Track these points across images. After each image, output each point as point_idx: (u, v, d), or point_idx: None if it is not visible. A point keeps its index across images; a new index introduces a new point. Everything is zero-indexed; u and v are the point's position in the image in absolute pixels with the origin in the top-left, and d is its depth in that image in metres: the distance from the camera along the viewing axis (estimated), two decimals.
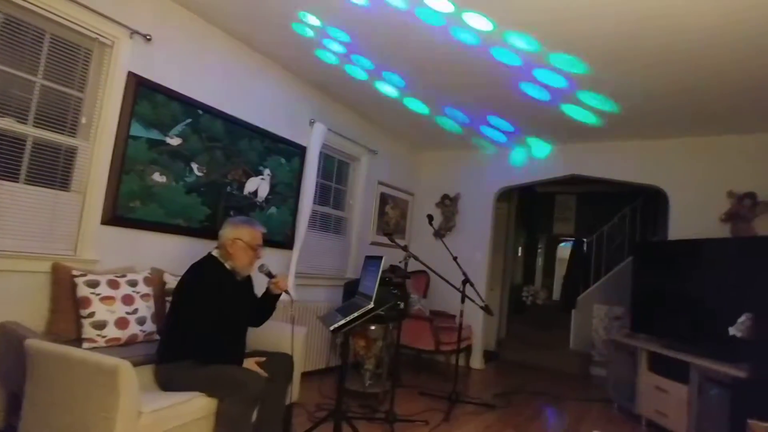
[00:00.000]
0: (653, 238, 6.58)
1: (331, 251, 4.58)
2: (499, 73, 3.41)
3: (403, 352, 4.54)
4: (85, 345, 2.21)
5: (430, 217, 4.02)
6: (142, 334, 2.43)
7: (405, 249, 3.29)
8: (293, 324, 2.52)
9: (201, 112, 3.11)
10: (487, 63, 3.26)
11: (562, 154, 5.13)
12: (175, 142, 2.95)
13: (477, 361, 5.33)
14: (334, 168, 4.65)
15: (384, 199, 5.31)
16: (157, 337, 2.50)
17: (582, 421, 3.68)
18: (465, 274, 3.69)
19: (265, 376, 2.17)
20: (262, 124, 3.59)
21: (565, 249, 11.00)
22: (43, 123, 2.39)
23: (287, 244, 3.85)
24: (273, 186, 3.72)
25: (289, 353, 2.47)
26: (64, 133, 2.48)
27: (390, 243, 3.32)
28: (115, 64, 2.61)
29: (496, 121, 4.50)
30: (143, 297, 2.48)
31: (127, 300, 2.40)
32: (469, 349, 5.26)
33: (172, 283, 2.63)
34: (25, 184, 2.33)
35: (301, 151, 3.96)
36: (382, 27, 2.95)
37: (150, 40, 2.76)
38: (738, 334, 2.96)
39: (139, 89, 2.72)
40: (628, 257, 5.95)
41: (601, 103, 3.79)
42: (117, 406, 1.66)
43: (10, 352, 2.07)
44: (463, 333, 4.08)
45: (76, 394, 1.79)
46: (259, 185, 3.59)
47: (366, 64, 3.53)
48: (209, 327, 2.21)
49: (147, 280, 2.56)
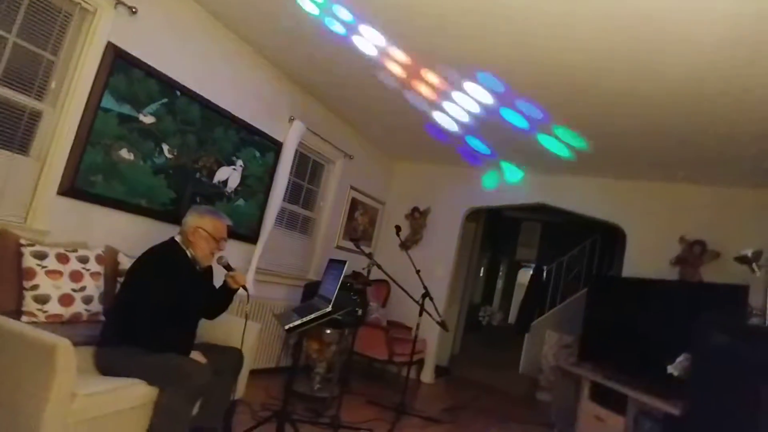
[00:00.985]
0: (608, 272, 6.83)
1: (295, 250, 4.53)
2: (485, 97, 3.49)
3: (356, 359, 4.52)
4: (24, 318, 2.10)
5: (398, 228, 4.04)
6: (87, 314, 2.32)
7: (369, 257, 3.30)
8: (246, 319, 2.47)
9: (179, 94, 3.04)
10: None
11: (533, 182, 5.27)
12: (148, 120, 2.87)
13: (428, 375, 5.36)
14: (308, 167, 4.62)
15: (354, 204, 5.31)
16: (102, 318, 2.40)
17: None
18: (426, 288, 3.72)
19: (211, 368, 2.12)
20: (241, 114, 3.54)
21: (525, 274, 11.27)
22: (9, 82, 2.28)
23: (251, 238, 3.79)
24: (244, 178, 3.66)
25: (240, 348, 2.43)
26: (30, 95, 2.37)
27: (355, 249, 3.32)
28: (94, 32, 2.52)
29: (474, 142, 4.59)
30: (93, 275, 2.38)
31: (76, 277, 2.29)
32: (421, 363, 5.29)
33: (126, 264, 2.54)
34: None
35: (276, 146, 3.92)
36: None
37: (135, 13, 2.68)
38: (675, 373, 3.10)
39: (117, 61, 2.63)
40: (583, 288, 6.15)
41: (573, 138, 3.93)
42: (51, 385, 1.58)
43: None
44: (417, 346, 4.10)
45: (7, 369, 1.71)
46: (230, 175, 3.52)
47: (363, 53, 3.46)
48: (159, 313, 2.15)
49: (99, 258, 2.45)
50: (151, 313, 2.14)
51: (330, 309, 2.23)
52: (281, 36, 3.28)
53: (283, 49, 3.51)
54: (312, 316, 2.22)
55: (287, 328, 2.22)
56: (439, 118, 4.09)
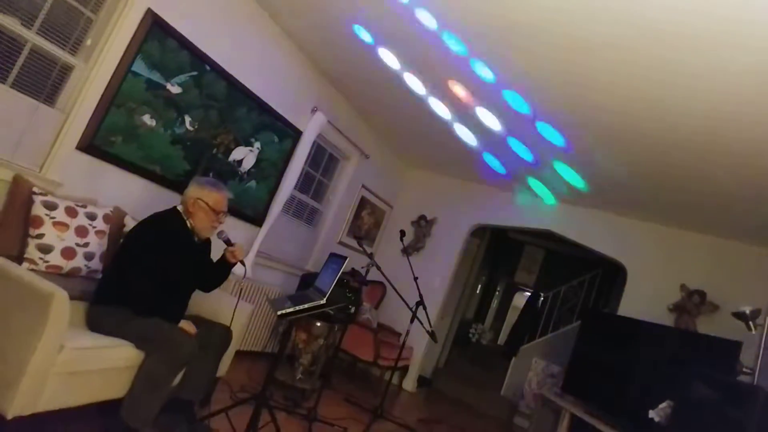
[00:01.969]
0: (604, 308, 6.79)
1: (297, 239, 4.56)
2: (511, 117, 3.49)
3: (341, 356, 4.53)
4: (24, 265, 2.13)
5: (403, 233, 4.05)
6: (86, 270, 2.35)
7: (370, 256, 3.31)
8: (239, 298, 2.49)
9: (208, 68, 3.07)
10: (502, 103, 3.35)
11: (542, 208, 5.26)
12: (174, 90, 2.90)
13: (410, 384, 5.36)
14: (323, 160, 4.65)
15: (363, 203, 5.33)
16: (100, 276, 2.43)
17: None
18: (421, 296, 3.72)
19: (198, 342, 2.14)
20: (265, 98, 3.57)
21: (521, 298, 11.22)
22: (47, 33, 2.32)
23: (257, 220, 3.81)
24: (259, 160, 3.69)
25: (229, 326, 2.45)
26: (65, 49, 2.41)
27: (357, 247, 3.34)
28: None
29: (490, 160, 4.60)
30: (98, 233, 2.41)
31: (81, 232, 2.32)
32: (405, 370, 5.28)
33: (130, 226, 2.57)
34: (11, 88, 2.25)
35: (295, 134, 3.95)
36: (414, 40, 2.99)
37: None
38: (656, 418, 3.07)
39: (153, 28, 2.67)
40: (576, 321, 6.12)
41: (588, 172, 3.93)
42: (42, 334, 1.61)
43: None
44: (403, 352, 4.10)
45: (2, 312, 1.73)
46: (245, 156, 3.55)
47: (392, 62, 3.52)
48: (152, 278, 2.17)
49: (106, 218, 2.49)
50: (144, 278, 2.16)
51: (324, 302, 2.24)
52: (317, 28, 3.31)
53: (316, 41, 3.54)
54: (305, 306, 2.23)
55: (279, 313, 2.24)
56: (459, 130, 4.10)
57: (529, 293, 9.79)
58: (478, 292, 9.92)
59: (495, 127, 3.71)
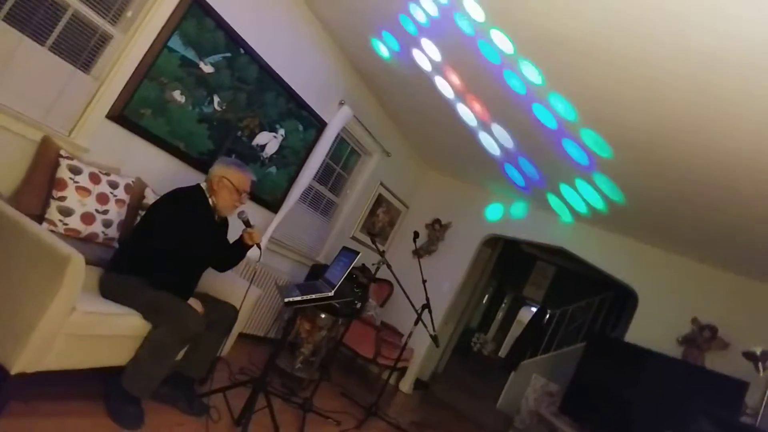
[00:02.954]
0: (611, 333, 6.68)
1: (311, 230, 4.57)
2: (539, 131, 3.45)
3: (341, 350, 4.53)
4: (44, 225, 2.17)
5: (416, 234, 4.03)
6: (103, 237, 2.39)
7: (382, 254, 3.30)
8: (251, 281, 2.51)
9: (242, 51, 3.09)
10: (527, 115, 3.31)
11: (558, 224, 5.19)
12: (207, 69, 2.93)
13: (406, 385, 5.34)
14: (344, 153, 4.65)
15: (380, 200, 5.32)
16: (115, 245, 2.46)
17: None
18: (428, 299, 3.71)
19: (206, 320, 2.16)
20: (294, 86, 3.58)
21: (526, 312, 11.12)
22: (90, 0, 2.36)
23: (273, 206, 3.84)
24: (282, 147, 3.71)
25: (237, 308, 2.47)
26: (105, 18, 2.45)
27: (369, 244, 3.33)
28: None
29: (511, 171, 4.55)
30: (118, 202, 2.45)
31: (102, 199, 2.36)
32: (403, 371, 5.27)
33: (151, 199, 2.61)
34: (50, 50, 2.29)
35: (320, 125, 3.96)
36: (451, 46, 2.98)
37: None
38: None
39: (193, 6, 2.70)
40: (582, 342, 6.04)
41: (611, 190, 3.87)
42: (55, 294, 1.63)
43: None
44: (404, 353, 4.09)
45: (19, 268, 1.77)
46: (269, 141, 3.57)
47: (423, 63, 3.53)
48: (170, 251, 2.20)
49: (128, 188, 2.52)
50: (161, 250, 2.19)
51: (332, 294, 2.24)
52: (352, 17, 3.31)
53: (350, 32, 3.54)
54: (313, 296, 2.24)
55: (287, 301, 2.25)
56: (484, 139, 4.07)
57: (536, 308, 9.70)
58: (484, 301, 9.87)
59: (508, 144, 3.67)
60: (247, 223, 2.48)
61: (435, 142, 4.93)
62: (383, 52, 3.53)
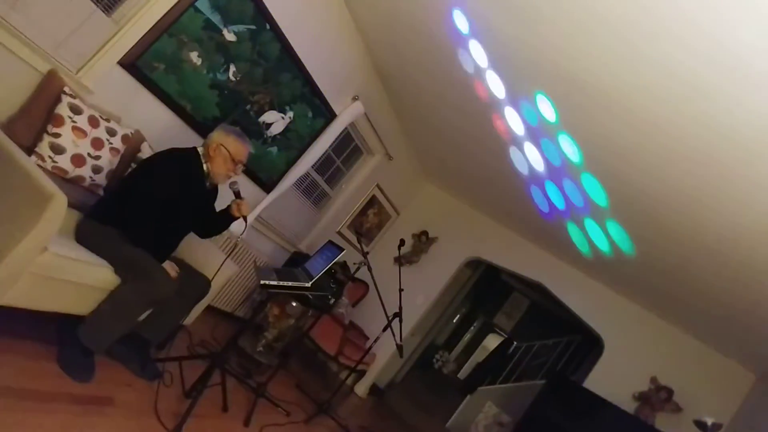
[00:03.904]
0: (572, 375, 6.74)
1: (299, 217, 4.54)
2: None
3: (305, 342, 4.50)
4: (33, 158, 2.11)
5: (402, 242, 4.04)
6: (89, 182, 2.33)
7: (365, 255, 3.28)
8: (229, 255, 2.47)
9: (267, 27, 3.06)
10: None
11: (541, 260, 5.23)
12: (229, 37, 2.90)
13: (362, 389, 5.32)
14: (347, 148, 4.63)
15: (372, 201, 5.31)
16: (100, 192, 2.41)
17: None
18: (401, 308, 3.70)
19: (176, 285, 2.12)
20: (312, 71, 3.55)
21: (493, 340, 11.17)
22: None
23: (267, 186, 3.80)
24: (287, 130, 3.68)
25: (210, 279, 2.43)
26: None
27: (354, 242, 3.32)
28: None
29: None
30: (112, 150, 2.39)
31: (97, 144, 2.31)
32: (362, 374, 5.25)
33: (146, 153, 2.56)
34: None
35: (330, 115, 3.93)
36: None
37: None
38: None
39: None
40: (541, 379, 6.08)
41: (622, 239, 3.86)
42: (30, 230, 1.59)
43: None
44: (366, 357, 4.08)
45: None
46: (276, 121, 3.54)
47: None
48: (155, 209, 2.16)
49: (125, 138, 2.47)
50: (146, 206, 2.15)
51: (309, 285, 2.22)
52: (382, 15, 3.30)
53: (378, 31, 3.53)
54: (290, 284, 2.22)
55: (263, 283, 2.22)
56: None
57: (503, 337, 9.75)
58: (455, 321, 9.89)
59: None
60: (237, 195, 2.45)
61: (439, 156, 4.94)
62: (412, 53, 3.51)
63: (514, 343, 8.06)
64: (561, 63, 2.39)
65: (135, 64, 2.55)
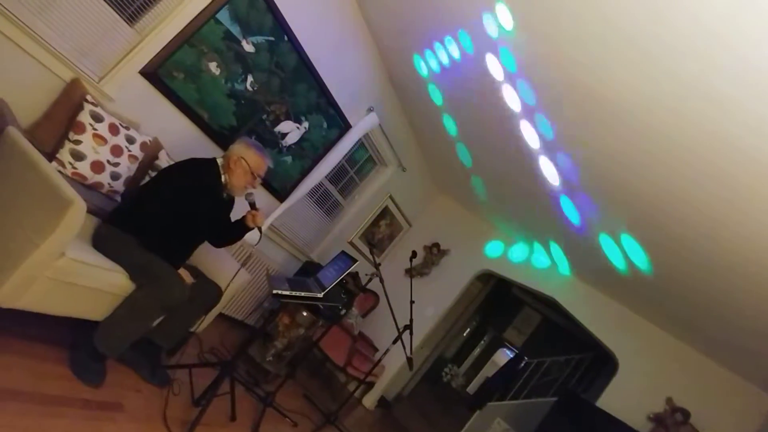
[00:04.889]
0: (583, 393, 6.60)
1: (311, 226, 4.55)
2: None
3: (314, 352, 4.48)
4: (53, 164, 2.15)
5: (414, 254, 4.00)
6: (108, 188, 2.37)
7: (377, 267, 3.27)
8: (243, 264, 2.48)
9: (286, 38, 3.10)
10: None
11: (555, 275, 5.16)
12: (248, 48, 2.94)
13: (370, 401, 5.27)
14: (361, 159, 4.65)
15: (384, 212, 5.30)
16: (118, 198, 2.45)
17: None
18: (411, 320, 3.66)
19: (190, 292, 2.13)
20: (328, 83, 3.58)
21: (502, 355, 11.02)
22: None
23: (281, 195, 3.82)
24: (302, 139, 3.70)
25: (223, 289, 2.44)
26: None
27: (366, 252, 3.31)
28: None
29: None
30: (131, 157, 2.43)
31: (116, 151, 2.35)
32: (370, 386, 5.20)
33: (164, 162, 2.60)
34: None
35: (344, 126, 3.96)
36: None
37: None
38: None
39: None
40: (552, 397, 5.96)
41: (637, 254, 3.79)
42: (48, 235, 1.61)
43: None
44: (375, 369, 4.04)
45: (19, 203, 1.75)
46: (291, 130, 3.57)
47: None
48: (171, 216, 2.19)
49: (144, 146, 2.51)
50: (163, 213, 2.17)
51: (320, 296, 2.21)
52: (400, 29, 3.32)
53: (394, 43, 3.55)
54: (302, 294, 2.21)
55: (275, 292, 2.22)
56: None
57: (514, 353, 9.61)
58: (465, 334, 9.78)
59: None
60: (252, 205, 2.46)
61: (452, 169, 4.92)
62: (423, 69, 3.54)
63: (525, 358, 7.94)
64: (586, 81, 2.38)
65: (156, 73, 2.60)
